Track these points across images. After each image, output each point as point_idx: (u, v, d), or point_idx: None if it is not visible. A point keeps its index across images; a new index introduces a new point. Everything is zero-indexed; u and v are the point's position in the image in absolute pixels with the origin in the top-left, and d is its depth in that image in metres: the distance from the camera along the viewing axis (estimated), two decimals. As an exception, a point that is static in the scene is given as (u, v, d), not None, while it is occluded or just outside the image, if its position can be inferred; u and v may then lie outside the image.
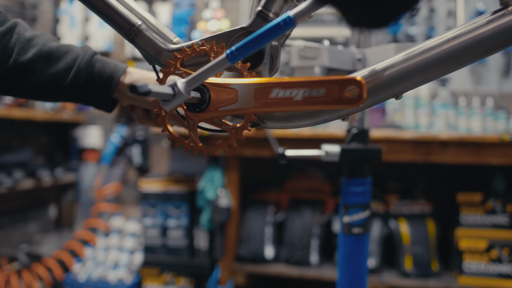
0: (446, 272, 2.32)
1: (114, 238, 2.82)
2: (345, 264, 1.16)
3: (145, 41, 0.69)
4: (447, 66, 0.61)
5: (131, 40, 0.69)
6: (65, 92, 0.78)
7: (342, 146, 1.15)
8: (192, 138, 0.63)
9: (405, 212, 2.39)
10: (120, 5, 0.70)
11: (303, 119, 0.66)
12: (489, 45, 0.60)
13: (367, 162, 1.17)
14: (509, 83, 2.62)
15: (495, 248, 2.18)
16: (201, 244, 2.54)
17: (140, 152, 2.98)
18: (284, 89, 0.57)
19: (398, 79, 0.62)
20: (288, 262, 2.39)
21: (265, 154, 2.30)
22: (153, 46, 0.69)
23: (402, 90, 0.64)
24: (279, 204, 2.59)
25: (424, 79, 0.63)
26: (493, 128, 2.41)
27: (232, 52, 0.50)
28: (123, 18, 0.69)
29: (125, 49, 3.04)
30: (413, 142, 2.16)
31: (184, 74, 0.64)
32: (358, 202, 1.17)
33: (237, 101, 0.60)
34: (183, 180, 2.69)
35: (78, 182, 3.05)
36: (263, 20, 0.64)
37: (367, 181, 1.17)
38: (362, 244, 1.16)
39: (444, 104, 2.48)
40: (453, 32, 0.61)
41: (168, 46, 0.69)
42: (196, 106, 0.62)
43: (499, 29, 0.59)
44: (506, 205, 2.24)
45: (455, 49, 0.61)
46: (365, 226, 1.16)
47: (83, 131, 3.07)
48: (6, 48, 0.75)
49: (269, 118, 0.67)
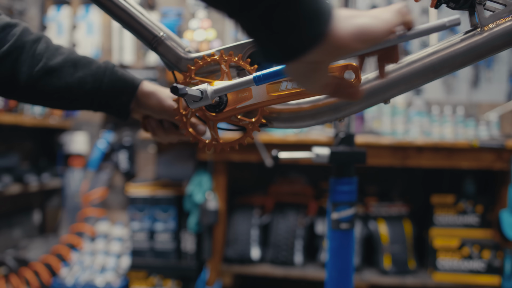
0: (422, 269, 2.46)
1: (100, 243, 2.85)
2: (334, 257, 1.26)
3: (167, 50, 0.77)
4: (428, 76, 0.73)
5: (154, 48, 0.78)
6: (88, 96, 0.85)
7: (331, 148, 1.26)
8: (214, 137, 0.72)
9: (384, 214, 2.53)
10: (142, 16, 0.79)
11: (305, 119, 0.77)
12: (462, 60, 0.72)
13: (354, 163, 1.29)
14: (478, 93, 2.82)
15: (466, 246, 2.34)
16: (188, 247, 2.61)
17: (126, 158, 3.03)
18: (292, 82, 0.68)
19: (388, 86, 0.74)
20: (273, 263, 2.48)
21: (252, 159, 2.39)
22: (173, 54, 0.77)
23: (390, 96, 0.75)
24: (264, 207, 2.69)
25: (409, 87, 0.75)
26: (464, 135, 2.58)
27: (259, 77, 0.60)
28: (146, 28, 0.77)
29: (113, 56, 3.09)
30: (391, 148, 2.30)
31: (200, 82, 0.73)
32: (345, 200, 1.27)
33: (252, 97, 0.69)
34: (170, 185, 2.76)
35: (64, 188, 3.07)
36: (271, 34, 0.74)
37: (353, 180, 1.28)
38: (349, 238, 1.26)
39: (419, 112, 2.64)
40: (433, 48, 0.73)
41: (188, 54, 0.78)
42: (216, 107, 0.71)
43: (470, 46, 0.72)
44: (476, 206, 2.40)
45: (434, 62, 0.72)
46: (352, 222, 1.26)
47: (69, 137, 3.09)
48: (37, 53, 0.82)
49: (275, 119, 0.77)
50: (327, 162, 1.25)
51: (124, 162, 3.03)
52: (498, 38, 0.71)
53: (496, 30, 0.71)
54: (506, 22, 0.71)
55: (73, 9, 3.15)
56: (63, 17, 3.09)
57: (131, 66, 3.09)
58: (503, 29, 0.71)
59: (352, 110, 0.76)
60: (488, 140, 2.28)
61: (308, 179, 2.80)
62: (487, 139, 2.40)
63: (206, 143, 0.73)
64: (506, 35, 0.71)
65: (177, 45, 0.78)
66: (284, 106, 0.76)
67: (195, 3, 3.02)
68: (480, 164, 2.26)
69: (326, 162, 1.25)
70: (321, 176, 2.78)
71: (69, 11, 3.12)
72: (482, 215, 2.40)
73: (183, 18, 3.06)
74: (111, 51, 3.11)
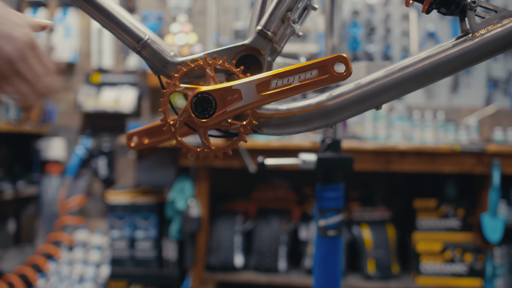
0: (405, 273, 2.47)
1: (78, 252, 2.77)
2: (321, 264, 1.25)
3: (152, 54, 0.74)
4: (420, 82, 0.72)
5: (138, 52, 0.75)
6: None
7: (318, 154, 1.24)
8: (205, 144, 0.69)
9: (367, 219, 2.53)
10: (126, 19, 0.75)
11: (296, 126, 0.75)
12: (454, 65, 0.71)
13: (341, 169, 1.27)
14: (457, 98, 2.86)
15: (448, 249, 2.36)
16: (169, 255, 2.56)
17: (106, 164, 2.96)
18: (281, 79, 0.66)
19: (380, 92, 0.72)
20: (257, 270, 2.45)
21: (235, 165, 2.36)
22: (159, 58, 0.74)
23: (382, 102, 0.74)
24: (247, 214, 2.66)
25: (401, 92, 0.73)
26: (444, 139, 2.61)
27: None
28: (130, 31, 0.74)
29: (91, 60, 3.02)
30: (374, 152, 2.31)
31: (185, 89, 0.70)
32: (332, 207, 1.26)
33: (242, 99, 0.67)
34: (151, 192, 2.70)
35: (41, 195, 2.97)
36: (263, 38, 0.73)
37: (340, 187, 1.27)
38: (336, 246, 1.25)
39: (400, 117, 2.66)
40: (425, 53, 0.72)
41: (174, 58, 0.75)
42: (205, 113, 0.68)
43: (462, 52, 0.71)
44: (457, 210, 2.43)
45: (426, 68, 0.71)
46: (339, 228, 1.25)
47: (46, 143, 3.00)
48: None
49: (265, 124, 0.74)
50: (314, 168, 1.23)
51: (103, 169, 2.95)
52: (490, 44, 0.70)
53: (488, 36, 0.70)
54: (497, 28, 0.71)
55: (50, 12, 3.07)
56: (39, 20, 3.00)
57: (110, 70, 3.03)
58: (494, 35, 0.70)
59: (344, 116, 0.74)
60: (468, 145, 2.31)
61: (291, 185, 2.78)
62: (467, 143, 2.44)
63: (198, 151, 0.70)
64: (497, 41, 0.70)
65: (163, 48, 0.75)
66: (274, 111, 0.73)
67: (176, 7, 2.98)
68: (462, 169, 2.29)
69: (313, 168, 1.24)
70: (304, 181, 2.77)
71: (45, 14, 3.03)
72: (463, 219, 2.43)
73: (164, 22, 3.02)
74: (89, 55, 3.04)
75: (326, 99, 0.73)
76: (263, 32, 0.72)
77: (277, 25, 0.73)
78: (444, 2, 0.72)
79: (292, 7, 0.73)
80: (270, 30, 0.72)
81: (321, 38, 2.79)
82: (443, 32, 2.86)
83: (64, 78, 3.08)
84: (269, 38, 0.72)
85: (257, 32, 0.72)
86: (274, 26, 0.73)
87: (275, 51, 0.84)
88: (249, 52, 0.73)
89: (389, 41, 2.88)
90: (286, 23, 0.74)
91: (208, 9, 2.99)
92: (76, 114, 3.05)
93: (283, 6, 0.72)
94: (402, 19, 2.88)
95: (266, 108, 0.73)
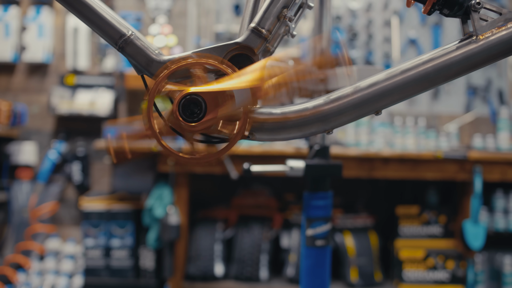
0: (388, 281, 2.45)
1: (50, 261, 2.64)
2: (309, 275, 1.20)
3: (136, 51, 0.68)
4: (423, 85, 0.68)
5: (121, 48, 0.69)
6: None
7: (306, 161, 1.19)
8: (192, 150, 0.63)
9: (349, 226, 2.50)
10: (107, 13, 0.69)
11: (291, 131, 0.70)
12: (458, 69, 0.68)
13: (329, 176, 1.23)
14: (438, 105, 2.88)
15: (431, 256, 2.35)
16: (147, 264, 2.47)
17: (80, 169, 2.84)
18: None
19: (381, 95, 0.68)
20: (238, 279, 2.39)
21: (216, 171, 2.30)
22: (143, 56, 0.68)
23: (382, 106, 0.70)
24: (228, 221, 2.59)
25: (402, 96, 0.69)
26: (425, 146, 2.62)
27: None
28: (112, 26, 0.68)
29: (66, 61, 2.91)
30: (358, 159, 2.29)
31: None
32: (320, 215, 1.21)
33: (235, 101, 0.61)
34: (127, 198, 2.61)
35: (10, 202, 2.83)
36: (257, 36, 0.67)
37: (328, 195, 1.23)
38: (324, 256, 1.20)
39: (382, 123, 2.66)
40: (428, 56, 0.68)
41: (160, 57, 0.69)
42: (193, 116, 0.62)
43: (466, 55, 0.67)
44: (439, 216, 2.43)
45: (429, 71, 0.68)
46: (327, 238, 1.20)
47: (16, 147, 2.86)
48: None
49: (258, 129, 0.69)
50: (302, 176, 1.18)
51: (77, 174, 2.84)
52: (495, 48, 0.68)
53: (493, 39, 0.67)
54: (502, 31, 0.68)
55: (22, 10, 2.94)
56: (10, 18, 2.87)
57: (86, 72, 2.92)
58: (499, 38, 0.67)
59: (342, 121, 0.70)
60: (450, 151, 2.32)
61: (272, 191, 2.73)
62: (448, 150, 2.44)
63: (188, 158, 0.64)
64: (502, 44, 0.68)
65: (147, 46, 0.69)
66: (268, 115, 0.68)
67: (156, 8, 2.91)
68: (444, 175, 2.29)
69: (301, 175, 1.19)
70: (286, 187, 2.72)
71: (17, 12, 2.90)
72: (445, 225, 2.43)
73: (142, 23, 2.94)
74: (64, 55, 2.93)
75: (324, 103, 0.68)
76: (257, 30, 0.67)
77: (272, 22, 0.68)
78: (447, 3, 0.69)
79: (289, 4, 0.68)
80: (264, 28, 0.67)
81: (303, 42, 2.77)
82: (424, 39, 2.88)
83: (36, 79, 2.95)
84: (264, 37, 0.67)
85: (251, 29, 0.67)
86: (269, 24, 0.67)
87: (267, 52, 0.79)
88: (242, 51, 0.68)
89: (371, 47, 2.88)
90: (281, 21, 0.69)
91: (189, 11, 2.93)
92: (49, 117, 2.93)
93: (279, 2, 0.67)
94: (384, 25, 2.88)
95: (259, 112, 0.67)
